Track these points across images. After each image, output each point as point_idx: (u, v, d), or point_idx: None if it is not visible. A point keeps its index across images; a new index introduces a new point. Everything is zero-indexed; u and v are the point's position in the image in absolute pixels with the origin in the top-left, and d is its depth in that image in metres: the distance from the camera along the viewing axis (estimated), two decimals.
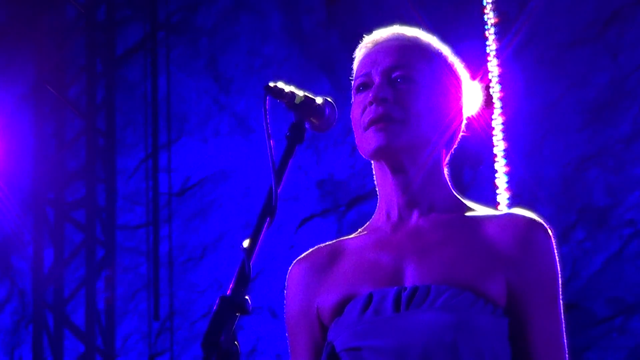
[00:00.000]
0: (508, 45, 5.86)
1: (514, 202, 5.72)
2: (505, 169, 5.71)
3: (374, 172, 2.12)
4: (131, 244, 6.97)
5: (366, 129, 2.02)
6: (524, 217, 2.02)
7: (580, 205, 6.20)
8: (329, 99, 2.00)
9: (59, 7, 6.97)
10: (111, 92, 6.86)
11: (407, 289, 1.94)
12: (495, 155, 5.70)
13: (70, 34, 7.01)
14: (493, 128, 5.70)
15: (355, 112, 2.05)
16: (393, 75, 2.05)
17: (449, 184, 2.11)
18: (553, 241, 2.02)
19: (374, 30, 2.17)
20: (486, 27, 5.77)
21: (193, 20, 7.01)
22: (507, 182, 5.69)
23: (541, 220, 2.02)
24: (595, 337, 6.17)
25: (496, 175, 5.69)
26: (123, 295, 6.88)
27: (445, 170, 2.11)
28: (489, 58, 5.73)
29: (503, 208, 1.78)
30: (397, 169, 2.05)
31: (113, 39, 6.97)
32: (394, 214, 2.07)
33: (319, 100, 1.95)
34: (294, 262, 2.14)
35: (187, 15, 7.04)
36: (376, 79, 2.06)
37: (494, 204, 5.68)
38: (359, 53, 2.14)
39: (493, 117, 5.70)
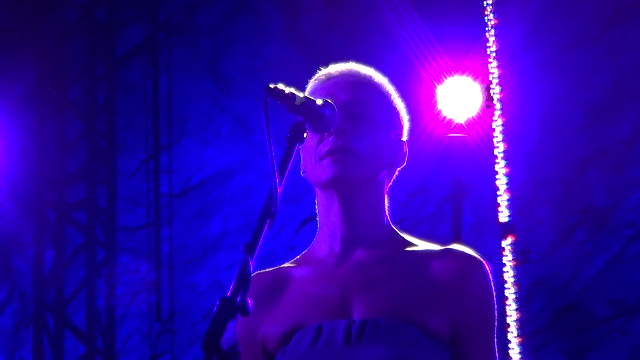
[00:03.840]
0: (508, 47, 5.86)
1: (513, 203, 5.72)
2: (505, 170, 5.71)
3: (316, 203, 2.16)
4: (131, 245, 6.96)
5: (322, 158, 2.08)
6: (461, 254, 2.10)
7: (581, 207, 6.20)
8: (329, 101, 2.00)
9: (59, 8, 6.97)
10: (112, 93, 6.86)
11: (357, 322, 2.00)
12: (495, 157, 5.70)
13: (71, 35, 7.00)
14: (493, 129, 5.70)
15: (309, 142, 2.09)
16: (353, 110, 2.10)
17: (388, 218, 2.17)
18: (490, 277, 2.09)
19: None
20: (486, 28, 5.77)
21: (194, 22, 7.00)
22: (507, 184, 5.69)
23: (478, 256, 2.10)
24: (596, 338, 6.17)
25: (496, 176, 5.69)
26: (123, 297, 6.88)
27: (386, 205, 2.17)
28: (489, 59, 5.73)
29: (448, 243, 1.92)
30: (345, 201, 2.10)
31: (113, 40, 6.97)
32: (337, 246, 2.12)
33: (319, 101, 1.96)
34: None
35: (187, 16, 7.04)
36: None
37: (494, 205, 5.69)
38: (312, 84, 2.19)
39: (493, 118, 5.70)
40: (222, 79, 6.92)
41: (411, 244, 2.13)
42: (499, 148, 5.70)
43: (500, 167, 5.70)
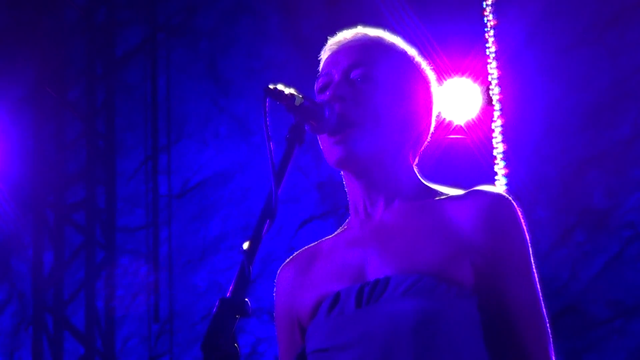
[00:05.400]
0: (508, 48, 5.87)
1: None
2: (504, 171, 5.71)
3: (342, 176, 2.11)
4: (131, 246, 6.96)
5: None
6: (485, 192, 2.00)
7: (580, 208, 6.20)
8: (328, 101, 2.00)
9: (59, 9, 6.97)
10: (111, 94, 6.86)
11: (370, 283, 1.94)
12: (495, 158, 5.70)
13: (70, 36, 7.00)
14: (493, 130, 5.70)
15: None
16: (352, 74, 2.04)
17: (418, 176, 2.09)
18: (519, 212, 1.98)
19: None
20: (486, 29, 5.77)
21: (193, 23, 7.01)
22: (507, 184, 5.69)
23: (504, 193, 2.00)
24: (595, 339, 6.17)
25: (495, 177, 5.69)
26: (123, 298, 6.88)
27: (415, 169, 2.10)
28: (488, 60, 5.74)
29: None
30: (360, 174, 2.04)
31: (113, 41, 6.97)
32: (361, 212, 2.07)
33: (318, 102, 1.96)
34: (281, 266, 2.16)
35: (187, 17, 7.04)
36: (336, 78, 2.05)
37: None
38: (323, 55, 2.13)
39: (493, 119, 5.70)
40: (221, 79, 6.92)
41: (441, 193, 2.04)
42: (499, 149, 5.70)
43: (500, 168, 5.70)
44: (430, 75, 2.15)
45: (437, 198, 2.03)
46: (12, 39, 6.96)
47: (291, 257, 2.16)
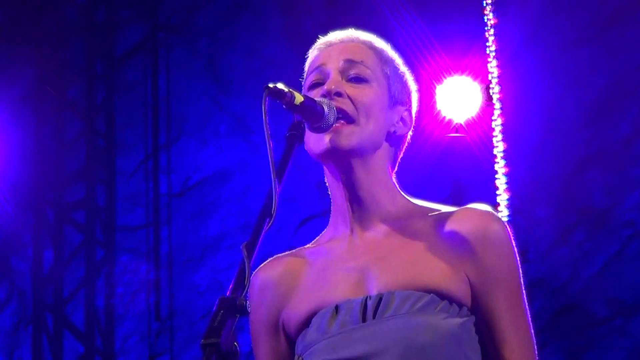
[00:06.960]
0: (508, 46, 5.86)
1: (513, 203, 5.72)
2: (504, 169, 5.71)
3: (326, 182, 2.12)
4: (131, 244, 6.96)
5: None
6: (476, 212, 2.03)
7: (580, 206, 6.20)
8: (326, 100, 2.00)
9: (59, 8, 6.96)
10: (111, 93, 6.86)
11: (372, 298, 1.96)
12: (495, 156, 5.70)
13: (70, 34, 7.00)
14: (493, 129, 5.70)
15: None
16: (348, 73, 2.06)
17: (398, 188, 2.11)
18: (509, 232, 2.02)
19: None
20: (486, 27, 5.77)
21: (193, 21, 7.00)
22: (507, 183, 5.69)
23: (495, 213, 2.03)
24: (595, 338, 6.16)
25: (496, 176, 5.69)
26: (123, 296, 6.88)
27: (394, 177, 2.12)
28: (488, 59, 5.73)
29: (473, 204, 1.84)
30: (346, 172, 2.05)
31: (113, 39, 6.97)
32: (348, 224, 2.08)
33: (318, 99, 1.96)
34: (255, 272, 2.14)
35: (187, 16, 7.04)
36: (331, 75, 2.06)
37: (493, 205, 5.68)
38: (312, 53, 2.16)
39: (493, 117, 5.70)
40: (221, 78, 6.92)
41: (429, 210, 2.07)
42: (499, 148, 5.70)
43: (500, 167, 5.70)
44: (413, 85, 2.18)
45: (429, 214, 2.06)
46: (12, 38, 6.96)
47: (267, 263, 2.16)
